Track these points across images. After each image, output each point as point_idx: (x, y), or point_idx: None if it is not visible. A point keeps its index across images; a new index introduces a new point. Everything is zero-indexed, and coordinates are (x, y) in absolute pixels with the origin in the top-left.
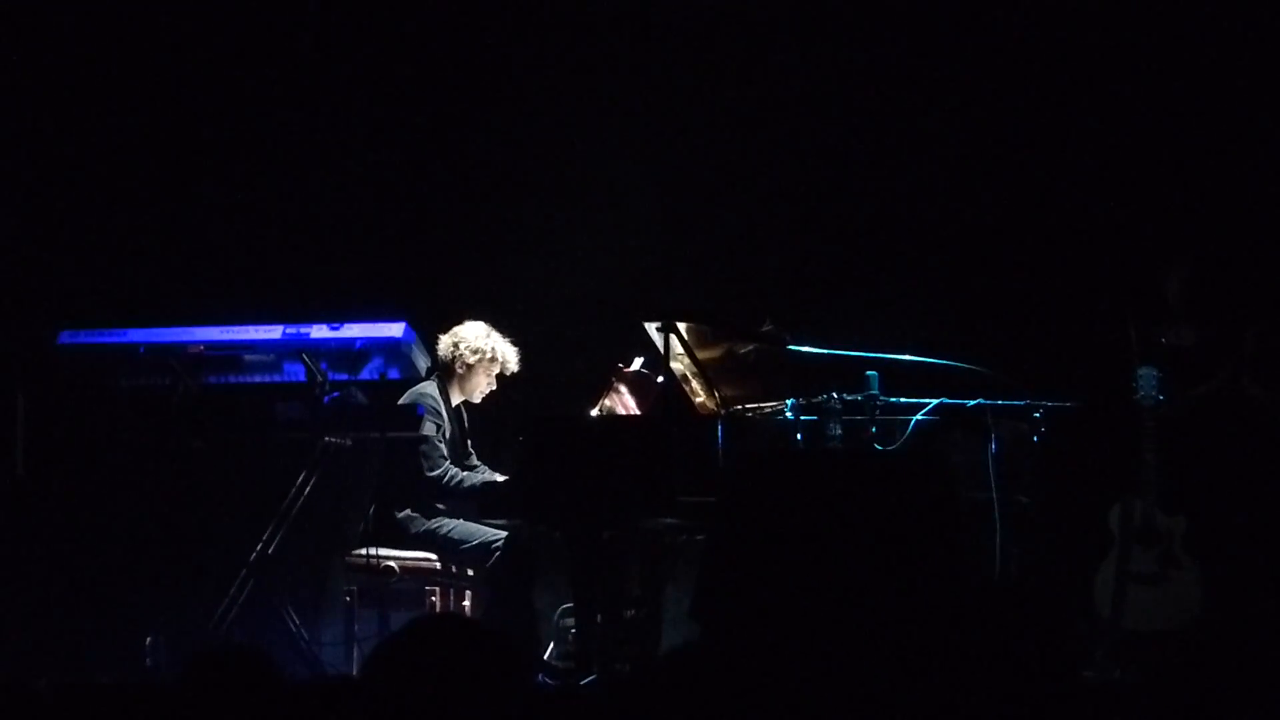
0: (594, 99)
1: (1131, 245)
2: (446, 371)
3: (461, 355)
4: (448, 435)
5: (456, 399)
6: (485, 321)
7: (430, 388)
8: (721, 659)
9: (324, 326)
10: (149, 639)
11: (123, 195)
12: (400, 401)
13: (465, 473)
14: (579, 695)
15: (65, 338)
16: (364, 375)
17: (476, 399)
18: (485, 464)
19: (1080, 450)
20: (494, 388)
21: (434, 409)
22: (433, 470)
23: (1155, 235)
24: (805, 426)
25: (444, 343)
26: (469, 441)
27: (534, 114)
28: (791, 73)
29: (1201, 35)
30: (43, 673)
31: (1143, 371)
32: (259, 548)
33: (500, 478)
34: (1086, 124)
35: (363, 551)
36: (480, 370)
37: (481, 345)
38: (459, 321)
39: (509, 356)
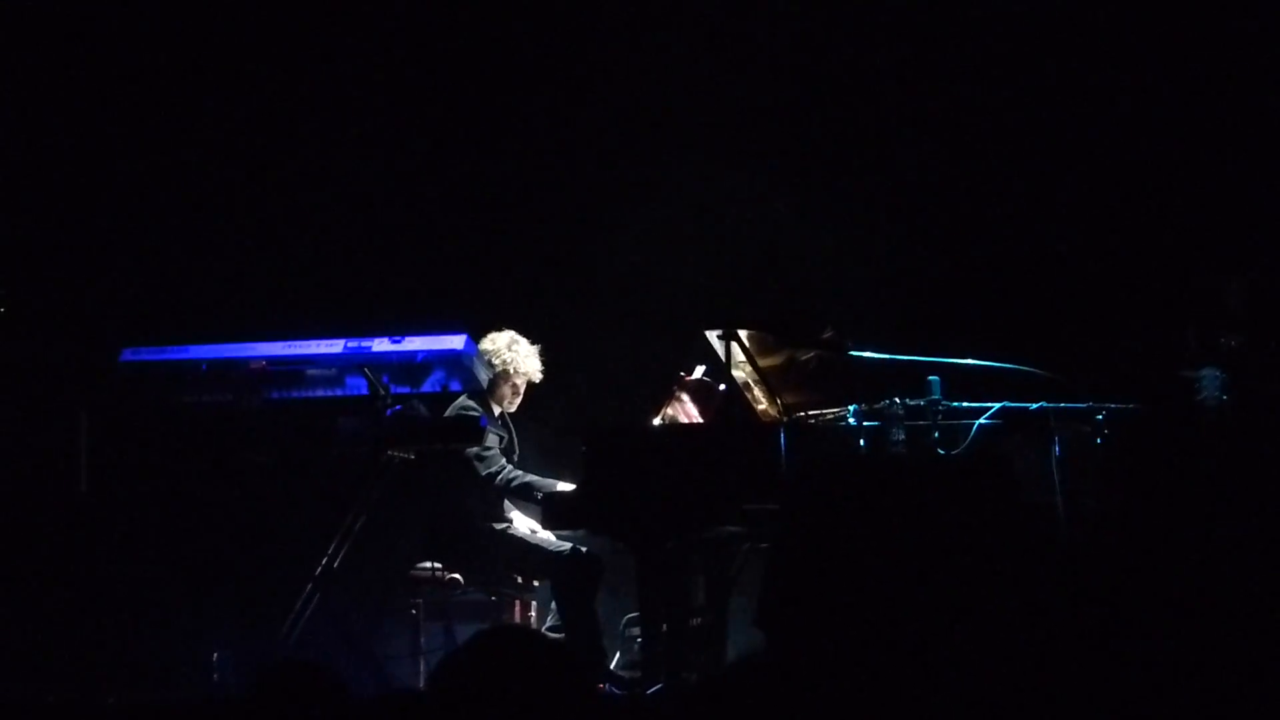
0: (653, 110)
1: (1191, 249)
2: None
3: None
4: (501, 445)
5: (498, 409)
6: (540, 327)
7: (470, 401)
8: (787, 667)
9: (385, 340)
10: (216, 654)
11: (184, 213)
12: (445, 415)
13: (520, 472)
14: (645, 705)
15: (128, 355)
16: (426, 388)
17: (510, 409)
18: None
19: (1144, 452)
20: (520, 397)
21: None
22: (489, 469)
23: (1215, 239)
24: (868, 432)
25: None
26: (515, 452)
27: (595, 125)
28: (846, 75)
29: (1266, 44)
30: (110, 689)
31: (1205, 373)
32: (324, 562)
33: (550, 482)
34: (1145, 129)
35: (427, 564)
36: (501, 381)
37: (499, 359)
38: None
39: (528, 369)
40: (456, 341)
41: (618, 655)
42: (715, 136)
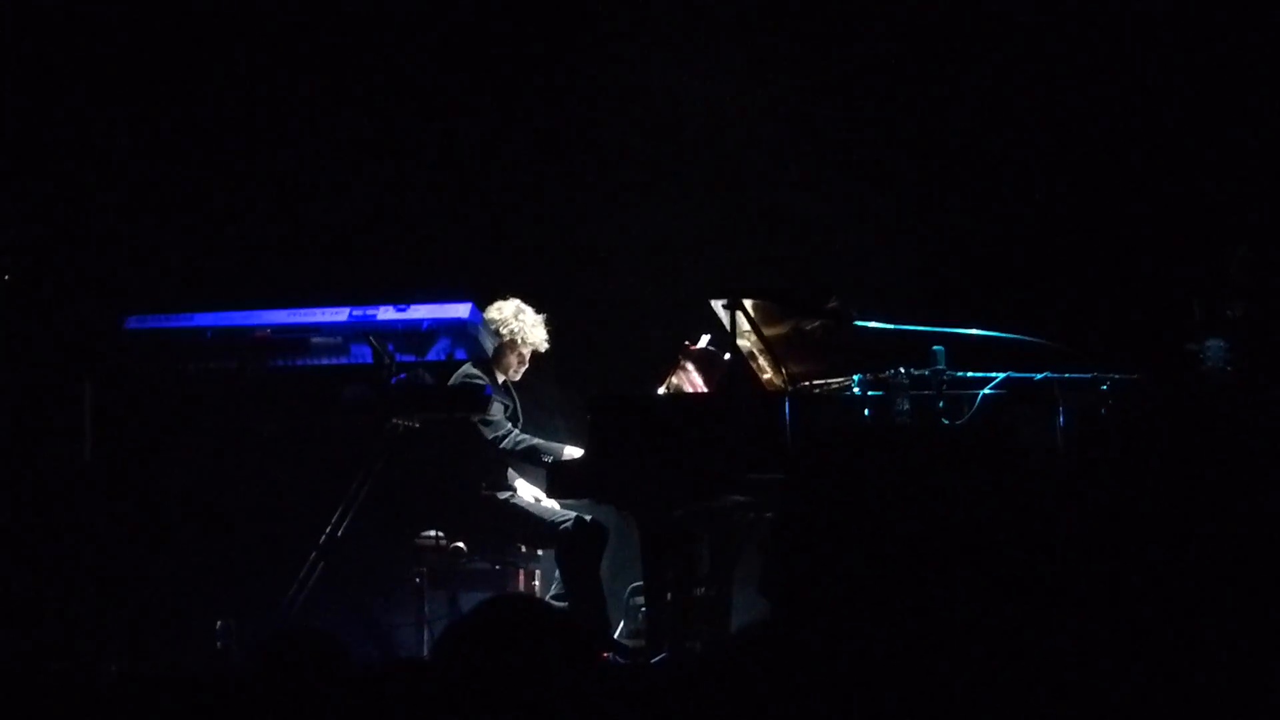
0: (657, 74)
1: (1195, 219)
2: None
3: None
4: (506, 413)
5: (502, 377)
6: (545, 296)
7: (475, 369)
8: (791, 636)
9: (390, 308)
10: (219, 623)
11: (187, 180)
12: (450, 384)
13: (526, 435)
14: (649, 674)
15: (132, 323)
16: (431, 356)
17: (514, 378)
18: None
19: (1149, 422)
20: (526, 366)
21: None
22: (495, 433)
23: (1218, 209)
24: (872, 402)
25: None
26: (519, 420)
27: (597, 92)
28: (850, 48)
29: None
30: (113, 658)
31: (1211, 343)
32: (328, 531)
33: (557, 446)
34: (1150, 101)
35: (431, 533)
36: (508, 350)
37: (505, 328)
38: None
39: (535, 338)
40: (462, 310)
41: (622, 624)
42: (725, 107)
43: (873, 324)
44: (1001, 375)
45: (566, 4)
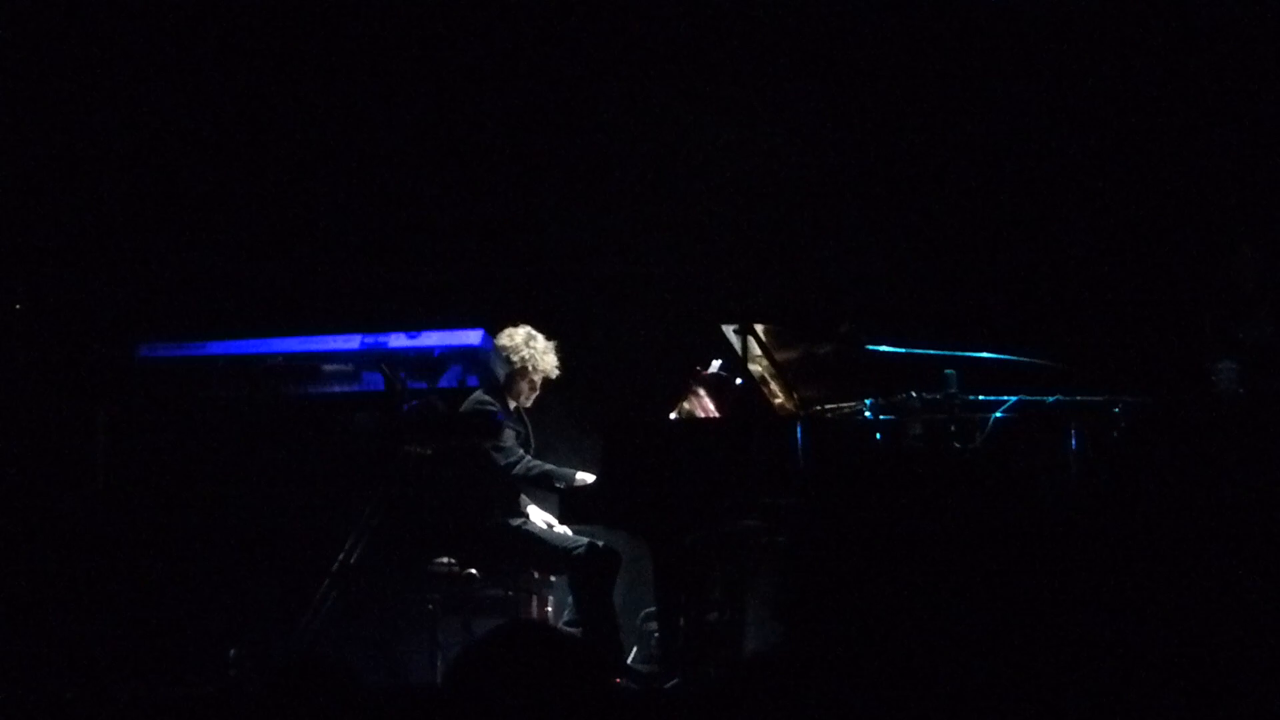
0: (671, 102)
1: (1206, 238)
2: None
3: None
4: (518, 439)
5: (513, 403)
6: (556, 322)
7: (486, 395)
8: (805, 660)
9: (402, 335)
10: (232, 650)
11: (200, 209)
12: (461, 410)
13: (538, 461)
14: (663, 699)
15: (145, 351)
16: (443, 383)
17: (526, 404)
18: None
19: (1161, 445)
20: (537, 392)
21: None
22: (507, 459)
23: (1230, 228)
24: (885, 425)
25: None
26: (531, 446)
27: (609, 117)
28: (865, 67)
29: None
30: (127, 685)
31: (1223, 364)
32: (340, 558)
33: (569, 471)
34: (1159, 116)
35: (444, 560)
36: (519, 377)
37: (516, 355)
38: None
39: (546, 365)
40: (473, 336)
41: (635, 650)
42: (734, 130)
43: (884, 348)
44: (1013, 398)
45: (579, 35)
